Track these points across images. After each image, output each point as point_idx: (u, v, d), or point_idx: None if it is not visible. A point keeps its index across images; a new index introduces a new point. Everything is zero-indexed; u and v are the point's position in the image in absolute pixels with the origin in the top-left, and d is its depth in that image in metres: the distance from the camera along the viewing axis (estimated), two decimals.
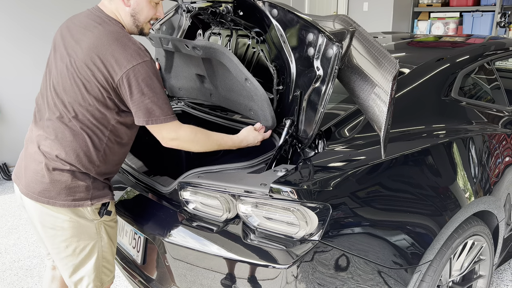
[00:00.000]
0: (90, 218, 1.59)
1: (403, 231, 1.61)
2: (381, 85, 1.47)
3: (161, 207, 1.81)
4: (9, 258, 2.88)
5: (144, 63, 1.46)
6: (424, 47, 2.70)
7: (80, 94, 1.50)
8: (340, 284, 1.50)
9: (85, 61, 1.48)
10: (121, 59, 1.45)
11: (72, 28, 1.57)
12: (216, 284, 1.55)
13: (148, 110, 1.49)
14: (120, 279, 2.61)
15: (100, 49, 1.47)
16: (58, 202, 1.53)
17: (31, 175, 1.55)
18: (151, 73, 1.48)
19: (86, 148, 1.54)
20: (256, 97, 1.71)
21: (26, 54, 4.22)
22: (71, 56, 1.52)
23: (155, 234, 1.70)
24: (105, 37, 1.48)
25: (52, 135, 1.54)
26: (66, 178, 1.53)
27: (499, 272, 2.64)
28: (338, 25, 1.80)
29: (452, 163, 1.83)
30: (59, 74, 1.54)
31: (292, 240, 1.47)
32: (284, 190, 1.41)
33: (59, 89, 1.54)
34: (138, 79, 1.45)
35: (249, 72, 1.69)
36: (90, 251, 1.63)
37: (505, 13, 5.92)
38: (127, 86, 1.46)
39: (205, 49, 1.76)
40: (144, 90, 1.46)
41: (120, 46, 1.46)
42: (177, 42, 1.88)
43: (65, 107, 1.53)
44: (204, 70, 1.95)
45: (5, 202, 3.74)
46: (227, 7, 1.83)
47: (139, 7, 1.56)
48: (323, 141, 1.64)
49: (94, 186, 1.58)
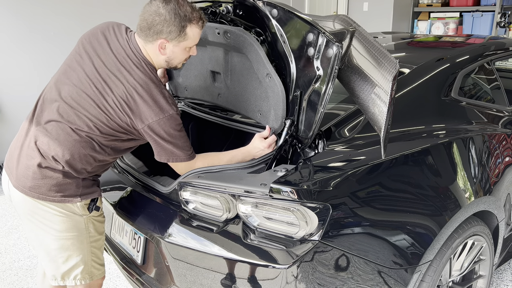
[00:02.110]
0: (79, 213, 1.63)
1: (403, 231, 1.61)
2: (381, 85, 1.47)
3: (161, 207, 1.81)
4: (9, 258, 2.88)
5: (170, 116, 1.54)
6: (424, 47, 2.70)
7: (101, 117, 1.55)
8: (340, 284, 1.50)
9: (115, 96, 1.53)
10: (148, 112, 1.52)
11: (107, 52, 1.58)
12: (216, 284, 1.55)
13: (170, 152, 1.59)
14: (120, 279, 2.61)
15: (131, 95, 1.52)
16: (48, 198, 1.56)
17: (23, 170, 1.57)
18: (175, 125, 1.56)
19: (84, 156, 1.58)
20: (273, 94, 1.69)
21: (26, 54, 4.22)
22: (101, 82, 1.55)
23: (155, 234, 1.70)
24: (139, 86, 1.53)
25: (53, 134, 1.56)
26: (57, 176, 1.56)
27: (499, 272, 2.64)
28: (338, 25, 1.80)
29: (452, 163, 1.83)
30: (81, 88, 1.57)
31: (292, 240, 1.47)
32: (284, 190, 1.41)
33: (77, 100, 1.57)
34: (161, 130, 1.54)
35: (272, 68, 1.67)
36: (79, 244, 1.66)
37: (505, 13, 5.92)
38: (150, 133, 1.55)
39: (236, 36, 1.71)
40: (167, 138, 1.56)
41: (149, 99, 1.52)
42: (207, 28, 1.79)
43: (78, 118, 1.56)
44: (222, 65, 1.91)
45: (5, 202, 3.74)
46: (227, 7, 1.83)
47: (174, 55, 1.60)
48: (323, 141, 1.64)
49: (83, 184, 1.62)
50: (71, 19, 4.29)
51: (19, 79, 4.24)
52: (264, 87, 1.73)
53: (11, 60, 4.19)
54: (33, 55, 4.23)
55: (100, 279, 1.78)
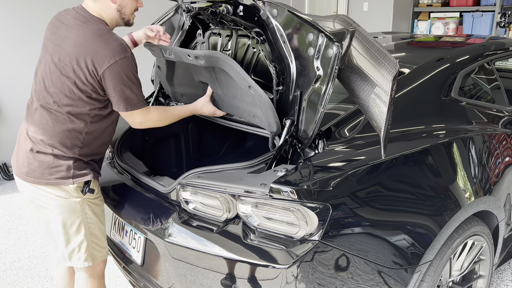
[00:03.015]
0: (74, 196, 1.72)
1: (403, 231, 1.61)
2: (381, 85, 1.47)
3: (161, 207, 1.81)
4: (9, 258, 2.88)
5: (126, 58, 1.62)
6: (424, 47, 2.70)
7: (67, 86, 1.64)
8: (340, 284, 1.50)
9: (72, 57, 1.61)
10: (105, 54, 1.59)
11: (59, 26, 1.71)
12: (216, 284, 1.55)
13: (128, 99, 1.66)
14: (120, 279, 2.61)
15: (85, 46, 1.60)
16: (42, 181, 1.68)
17: (21, 158, 1.73)
18: (132, 67, 1.65)
19: (68, 134, 1.68)
20: (260, 103, 1.71)
21: (26, 54, 4.22)
22: (59, 52, 1.65)
23: (155, 234, 1.70)
24: (90, 35, 1.62)
25: (37, 121, 1.70)
26: (48, 159, 1.68)
27: (499, 272, 2.64)
28: (338, 25, 1.79)
29: (452, 163, 1.83)
30: (48, 68, 1.68)
31: (292, 240, 1.47)
32: (284, 190, 1.42)
33: (47, 81, 1.68)
34: (120, 72, 1.61)
35: (252, 80, 1.68)
36: (78, 227, 1.75)
37: (505, 13, 5.91)
38: (111, 78, 1.61)
39: (207, 58, 1.75)
40: (126, 83, 1.63)
41: (103, 42, 1.60)
42: (179, 52, 1.88)
43: (51, 97, 1.67)
44: (206, 77, 1.94)
45: (5, 202, 3.74)
46: (227, 7, 1.82)
47: (124, 2, 1.71)
48: (323, 141, 1.64)
49: (75, 166, 1.71)
50: None
51: (19, 79, 4.24)
52: (251, 97, 1.74)
53: (11, 60, 4.19)
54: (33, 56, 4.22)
55: (102, 262, 1.88)
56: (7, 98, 4.25)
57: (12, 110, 4.29)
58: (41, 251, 2.94)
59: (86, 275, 1.85)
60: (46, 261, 2.83)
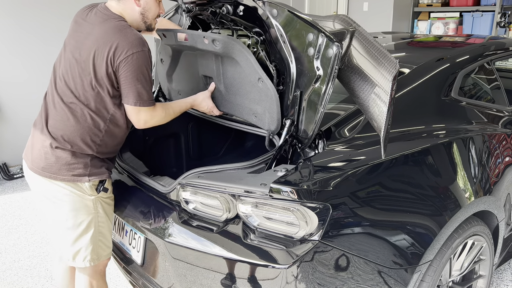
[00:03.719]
0: (88, 194, 1.73)
1: (403, 231, 1.61)
2: (381, 85, 1.48)
3: (161, 207, 1.81)
4: (9, 258, 2.88)
5: (143, 52, 1.63)
6: (424, 47, 2.70)
7: (87, 82, 1.66)
8: (340, 284, 1.50)
9: (91, 50, 1.63)
10: (123, 45, 1.60)
11: (81, 23, 1.74)
12: (216, 284, 1.55)
13: (138, 93, 1.66)
14: (120, 279, 2.61)
15: (105, 38, 1.62)
16: (58, 177, 1.69)
17: (37, 152, 1.72)
18: (148, 62, 1.66)
19: (88, 130, 1.70)
20: (267, 97, 1.70)
21: (26, 54, 4.22)
22: (80, 49, 1.67)
23: (155, 234, 1.70)
24: (110, 29, 1.64)
25: (58, 117, 1.71)
26: (66, 155, 1.69)
27: (499, 272, 2.64)
28: (338, 25, 1.79)
29: (452, 163, 1.83)
30: (69, 64, 1.70)
31: (292, 240, 1.47)
32: (284, 190, 1.41)
33: (67, 78, 1.70)
34: (135, 65, 1.61)
35: (263, 72, 1.68)
36: (88, 225, 1.75)
37: (505, 13, 5.91)
38: (125, 69, 1.61)
39: (224, 43, 1.72)
40: (139, 77, 1.63)
41: (123, 35, 1.62)
42: (195, 35, 1.84)
43: (72, 94, 1.69)
44: (212, 70, 1.93)
45: (5, 202, 3.74)
46: (227, 7, 1.82)
47: (148, 5, 1.73)
48: (323, 141, 1.64)
49: (92, 164, 1.72)
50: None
51: (19, 79, 4.24)
52: (257, 91, 1.73)
53: (11, 60, 4.19)
54: (33, 56, 4.23)
55: (106, 260, 1.88)
56: (8, 98, 4.25)
57: (12, 110, 4.29)
58: (41, 251, 2.94)
59: (88, 274, 1.86)
60: (46, 261, 2.83)
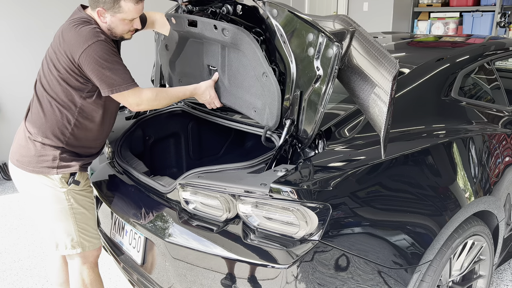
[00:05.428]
0: (59, 186, 1.78)
1: (403, 231, 1.61)
2: (381, 85, 1.48)
3: (161, 207, 1.81)
4: (9, 258, 2.88)
5: (98, 42, 1.64)
6: (424, 47, 2.70)
7: (55, 79, 1.73)
8: (340, 284, 1.50)
9: (55, 48, 1.72)
10: (78, 42, 1.65)
11: (64, 27, 1.77)
12: (216, 284, 1.55)
13: (109, 81, 1.66)
14: (120, 279, 2.61)
15: (64, 37, 1.69)
16: (28, 168, 1.76)
17: (15, 145, 1.83)
18: (106, 49, 1.66)
19: (57, 123, 1.75)
20: (269, 92, 1.70)
21: (26, 53, 4.22)
22: (53, 46, 1.75)
23: (155, 234, 1.70)
24: (68, 28, 1.70)
25: (34, 109, 1.80)
26: (37, 147, 1.76)
27: (499, 272, 2.64)
28: (338, 25, 1.79)
29: (452, 163, 1.83)
30: (46, 61, 1.78)
31: (292, 240, 1.47)
32: (284, 190, 1.41)
33: (42, 73, 1.79)
34: (95, 56, 1.63)
35: (269, 66, 1.68)
36: (64, 216, 1.80)
37: (505, 13, 5.91)
38: (87, 62, 1.64)
39: (234, 33, 1.72)
40: (103, 64, 1.64)
41: (76, 33, 1.67)
42: (206, 22, 1.81)
43: (45, 90, 1.76)
44: (218, 60, 1.92)
45: (5, 202, 3.74)
46: (227, 7, 1.82)
47: (114, 24, 1.74)
48: (323, 141, 1.64)
49: (62, 158, 1.77)
50: None
51: (19, 79, 4.24)
52: (260, 85, 1.73)
53: (11, 59, 4.19)
54: (33, 55, 4.23)
55: (95, 250, 1.90)
56: (8, 97, 4.24)
57: (12, 110, 4.29)
58: (41, 251, 2.94)
59: (78, 263, 1.88)
60: (46, 261, 2.83)
